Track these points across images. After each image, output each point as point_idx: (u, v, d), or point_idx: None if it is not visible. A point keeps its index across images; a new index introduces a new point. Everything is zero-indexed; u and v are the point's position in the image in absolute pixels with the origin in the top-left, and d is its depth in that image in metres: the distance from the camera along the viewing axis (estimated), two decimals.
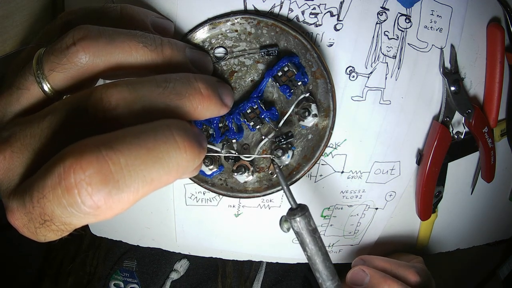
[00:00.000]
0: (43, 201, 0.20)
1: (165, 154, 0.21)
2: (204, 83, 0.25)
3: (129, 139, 0.20)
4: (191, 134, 0.22)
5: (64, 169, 0.19)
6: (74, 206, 0.19)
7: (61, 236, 0.23)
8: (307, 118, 0.34)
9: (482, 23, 0.41)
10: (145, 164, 0.20)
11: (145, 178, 0.20)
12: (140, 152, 0.20)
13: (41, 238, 0.22)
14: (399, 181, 0.45)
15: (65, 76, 0.24)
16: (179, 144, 0.22)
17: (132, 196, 0.20)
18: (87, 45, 0.23)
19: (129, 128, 0.21)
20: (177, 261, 0.52)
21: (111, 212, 0.20)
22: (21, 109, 0.25)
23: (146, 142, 0.21)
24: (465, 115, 0.42)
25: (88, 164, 0.19)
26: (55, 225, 0.21)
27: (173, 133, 0.22)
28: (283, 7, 0.34)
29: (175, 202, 0.42)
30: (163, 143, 0.21)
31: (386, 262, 0.45)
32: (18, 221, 0.22)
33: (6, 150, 0.22)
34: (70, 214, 0.20)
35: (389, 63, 0.38)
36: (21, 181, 0.23)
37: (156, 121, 0.22)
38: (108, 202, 0.20)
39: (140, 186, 0.20)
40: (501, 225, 0.58)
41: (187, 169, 0.23)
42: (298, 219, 0.30)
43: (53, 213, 0.20)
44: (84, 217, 0.20)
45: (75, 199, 0.19)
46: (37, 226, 0.21)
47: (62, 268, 0.51)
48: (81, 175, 0.19)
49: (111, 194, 0.20)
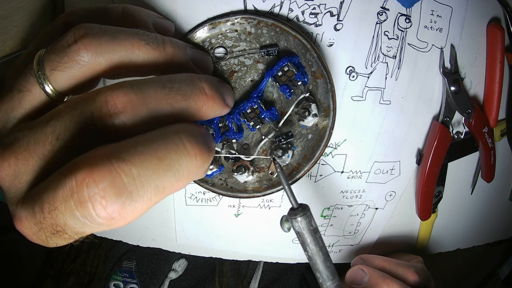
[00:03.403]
0: (55, 212, 0.20)
1: (176, 162, 0.21)
2: (207, 83, 0.25)
3: (140, 149, 0.20)
4: (200, 139, 0.22)
5: (76, 182, 0.19)
6: (88, 218, 0.19)
7: (73, 242, 0.23)
8: (307, 118, 0.34)
9: (482, 23, 0.41)
10: (157, 174, 0.20)
11: (157, 187, 0.20)
12: (152, 162, 0.20)
13: (51, 245, 0.22)
14: (399, 181, 0.45)
15: (67, 75, 0.24)
16: (190, 151, 0.22)
17: (145, 205, 0.20)
18: (89, 43, 0.23)
19: (138, 137, 0.21)
20: (175, 261, 0.53)
21: (124, 221, 0.20)
22: (24, 113, 0.24)
23: (157, 151, 0.20)
24: (465, 115, 0.42)
25: (101, 177, 0.19)
26: (68, 234, 0.21)
27: (183, 140, 0.21)
28: (283, 7, 0.34)
29: (175, 202, 0.42)
30: (174, 151, 0.21)
31: (385, 261, 0.45)
32: (27, 230, 0.22)
33: (10, 157, 0.22)
34: (83, 224, 0.20)
35: (389, 63, 0.38)
36: (29, 188, 0.22)
37: (164, 128, 0.22)
38: (122, 213, 0.20)
39: (153, 195, 0.20)
40: (501, 225, 0.58)
41: (197, 174, 0.23)
42: (299, 219, 0.30)
43: (66, 224, 0.20)
44: (98, 227, 0.20)
45: (89, 212, 0.19)
46: (48, 235, 0.21)
47: (63, 268, 0.51)
48: (95, 189, 0.19)
49: (125, 205, 0.20)
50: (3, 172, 0.22)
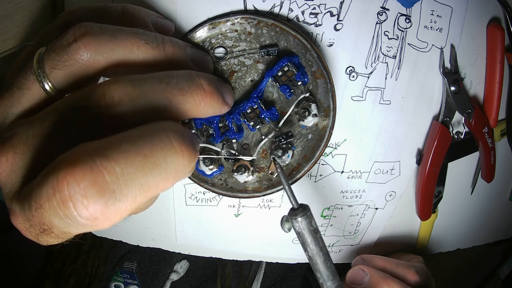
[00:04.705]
0: (41, 211, 0.20)
1: (162, 160, 0.20)
2: (206, 80, 0.25)
3: (125, 146, 0.19)
4: (187, 138, 0.22)
5: (57, 181, 0.19)
6: (70, 217, 0.19)
7: (62, 241, 0.22)
8: (307, 118, 0.34)
9: (482, 23, 0.41)
10: (141, 172, 0.20)
11: (142, 186, 0.20)
12: (136, 159, 0.19)
13: (43, 243, 0.22)
14: (399, 181, 0.45)
15: (67, 73, 0.24)
16: (177, 149, 0.21)
17: (129, 205, 0.20)
18: (88, 42, 0.23)
19: (123, 133, 0.20)
20: (176, 262, 0.52)
21: (108, 222, 0.20)
22: (22, 109, 0.25)
23: (143, 148, 0.20)
24: (465, 115, 0.42)
25: (82, 175, 0.18)
26: (54, 233, 0.21)
27: (170, 137, 0.21)
28: (283, 7, 0.34)
29: (175, 202, 0.42)
30: (160, 149, 0.20)
31: (385, 261, 0.45)
32: (20, 224, 0.22)
33: (8, 151, 0.22)
34: (67, 224, 0.19)
35: (389, 63, 0.38)
36: (23, 183, 0.22)
37: (151, 124, 0.21)
38: (105, 213, 0.19)
39: (138, 194, 0.20)
40: (501, 225, 0.58)
41: (184, 173, 0.22)
42: (300, 219, 0.30)
43: (51, 222, 0.20)
44: (82, 227, 0.20)
45: (71, 211, 0.19)
46: (37, 233, 0.21)
47: (64, 269, 0.51)
48: (75, 188, 0.18)
49: (108, 204, 0.19)
50: (0, 167, 0.22)
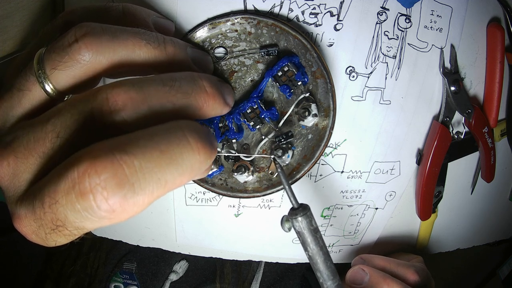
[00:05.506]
0: (56, 206, 0.20)
1: (179, 156, 0.21)
2: (208, 81, 0.25)
3: (143, 141, 0.20)
4: (203, 135, 0.22)
5: (78, 174, 0.19)
6: (89, 210, 0.19)
7: (72, 240, 0.22)
8: (307, 118, 0.34)
9: (482, 23, 0.41)
10: (159, 167, 0.20)
11: (160, 181, 0.20)
12: (154, 154, 0.20)
13: (51, 244, 0.22)
14: (399, 181, 0.45)
15: (68, 74, 0.24)
16: (193, 146, 0.21)
17: (147, 198, 0.20)
18: (89, 42, 0.23)
19: (141, 131, 0.21)
20: (176, 262, 0.52)
21: (126, 215, 0.20)
22: (23, 112, 0.24)
23: (159, 144, 0.20)
24: (465, 115, 0.42)
25: (103, 168, 0.19)
26: (68, 230, 0.21)
27: (186, 134, 0.21)
28: (283, 7, 0.34)
29: (175, 202, 0.42)
30: (177, 145, 0.21)
31: (385, 261, 0.45)
32: (26, 228, 0.22)
33: (9, 155, 0.22)
34: (84, 218, 0.20)
35: (389, 63, 0.38)
36: (29, 186, 0.22)
37: (168, 123, 0.22)
38: (123, 206, 0.20)
39: (155, 188, 0.20)
40: (501, 225, 0.58)
41: (200, 170, 0.22)
42: (300, 218, 0.30)
43: (66, 218, 0.20)
44: (99, 221, 0.20)
45: (90, 204, 0.19)
46: (47, 232, 0.21)
47: (64, 270, 0.51)
48: (96, 180, 0.19)
49: (127, 197, 0.19)
50: (2, 171, 0.22)
